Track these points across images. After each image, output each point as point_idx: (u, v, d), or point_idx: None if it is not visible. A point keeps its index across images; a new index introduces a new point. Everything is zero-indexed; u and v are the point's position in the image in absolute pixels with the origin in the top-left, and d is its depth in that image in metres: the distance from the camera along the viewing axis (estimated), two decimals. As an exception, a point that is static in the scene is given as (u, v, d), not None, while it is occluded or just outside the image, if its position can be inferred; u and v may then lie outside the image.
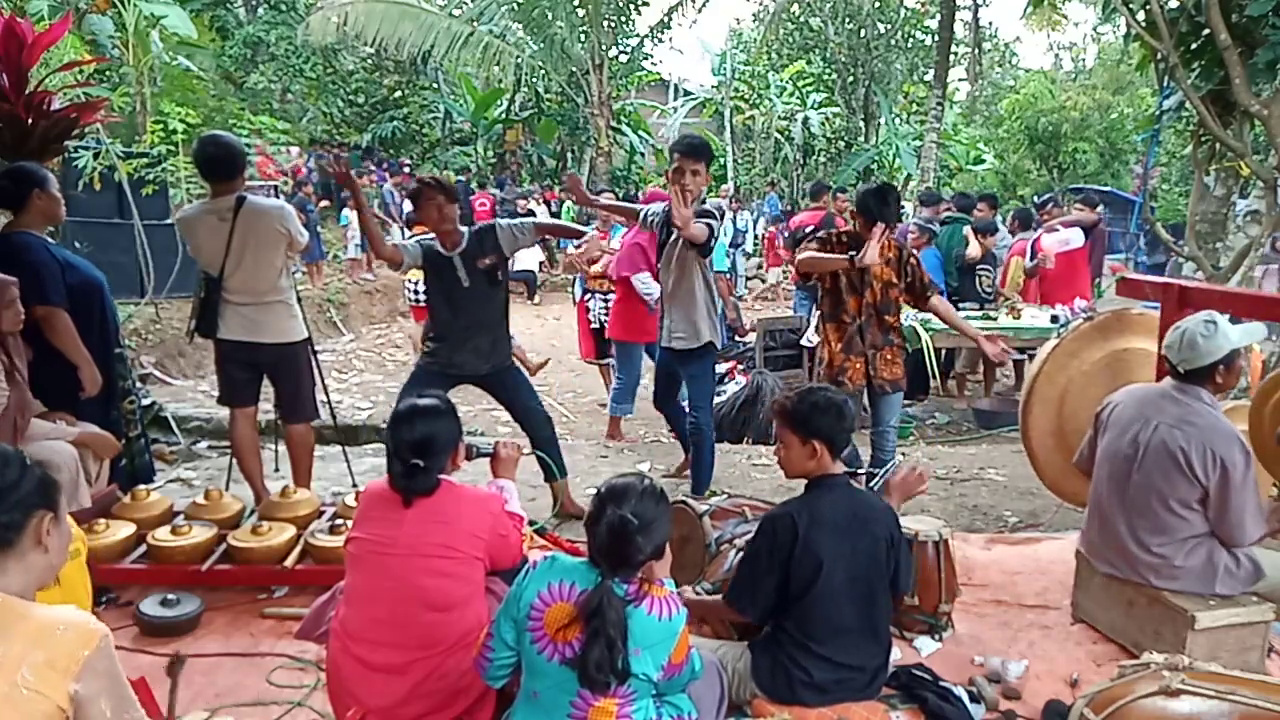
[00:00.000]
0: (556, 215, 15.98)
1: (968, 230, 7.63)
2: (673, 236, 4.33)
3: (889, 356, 4.34)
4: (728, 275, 10.89)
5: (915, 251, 4.75)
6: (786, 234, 11.58)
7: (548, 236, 6.48)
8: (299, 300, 4.26)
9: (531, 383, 4.56)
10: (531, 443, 4.15)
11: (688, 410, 4.63)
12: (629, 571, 2.06)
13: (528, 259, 13.66)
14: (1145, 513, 3.07)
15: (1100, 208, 8.20)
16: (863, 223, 4.20)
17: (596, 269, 6.79)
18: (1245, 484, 2.92)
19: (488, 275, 4.11)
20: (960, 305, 7.40)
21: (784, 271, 15.03)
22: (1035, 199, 7.33)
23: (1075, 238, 7.15)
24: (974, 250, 7.49)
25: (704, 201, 4.42)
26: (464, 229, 4.14)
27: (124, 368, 4.20)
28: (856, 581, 2.55)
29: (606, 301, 7.02)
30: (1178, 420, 3.00)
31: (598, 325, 7.17)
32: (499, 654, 2.13)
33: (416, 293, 7.94)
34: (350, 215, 12.75)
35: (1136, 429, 3.10)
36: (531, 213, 15.67)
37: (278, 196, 10.51)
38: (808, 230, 9.45)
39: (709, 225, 4.10)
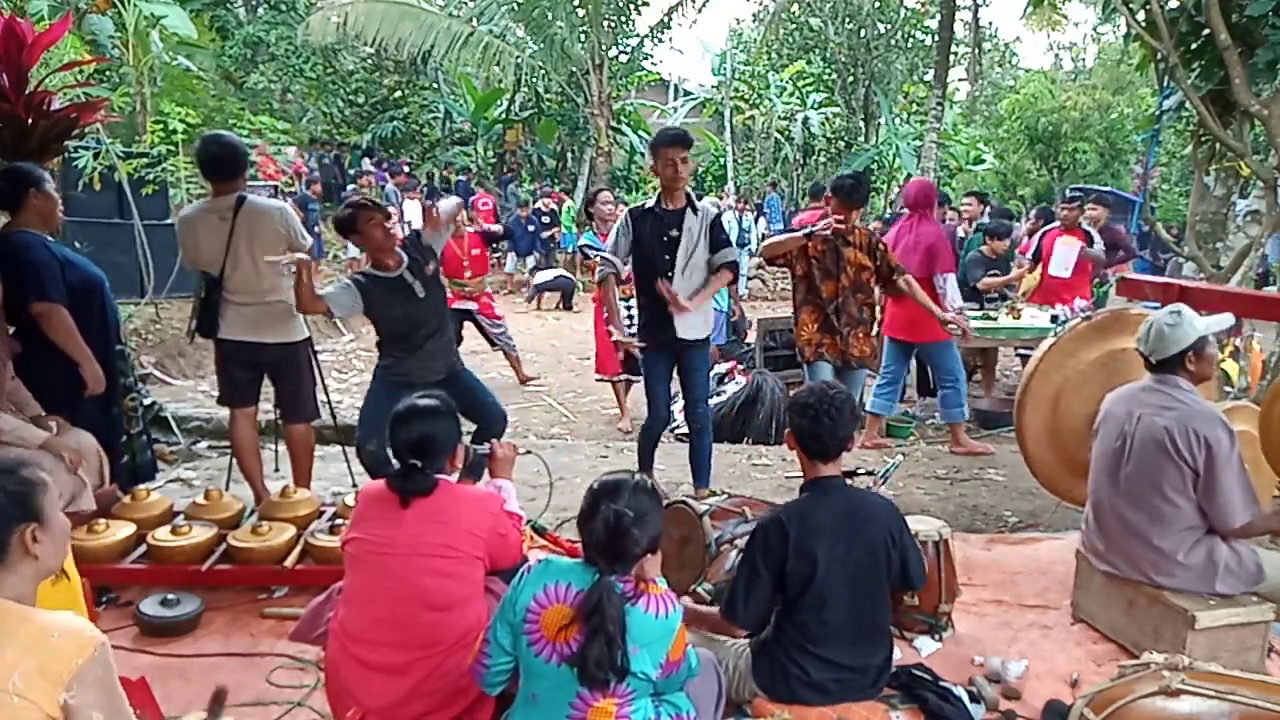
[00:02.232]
0: (556, 215, 15.98)
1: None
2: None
3: (861, 335, 4.79)
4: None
5: (884, 239, 5.17)
6: (777, 229, 11.66)
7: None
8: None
9: (485, 382, 4.51)
10: (477, 434, 4.08)
11: (687, 403, 4.67)
12: (626, 566, 2.06)
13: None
14: (1141, 505, 3.09)
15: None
16: (836, 204, 4.69)
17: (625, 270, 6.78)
18: (1231, 462, 2.96)
19: (435, 278, 4.11)
20: (962, 305, 7.37)
21: (758, 265, 15.26)
22: (1066, 192, 7.17)
23: (1067, 269, 7.11)
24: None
25: (720, 214, 4.68)
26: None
27: (125, 365, 4.19)
28: (855, 583, 2.54)
29: (630, 311, 7.00)
30: (1158, 408, 3.07)
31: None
32: (496, 660, 2.13)
33: None
34: None
35: (1121, 423, 3.17)
36: (554, 213, 15.67)
37: (279, 196, 10.50)
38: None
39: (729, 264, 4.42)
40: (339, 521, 3.62)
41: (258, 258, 3.95)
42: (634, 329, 6.98)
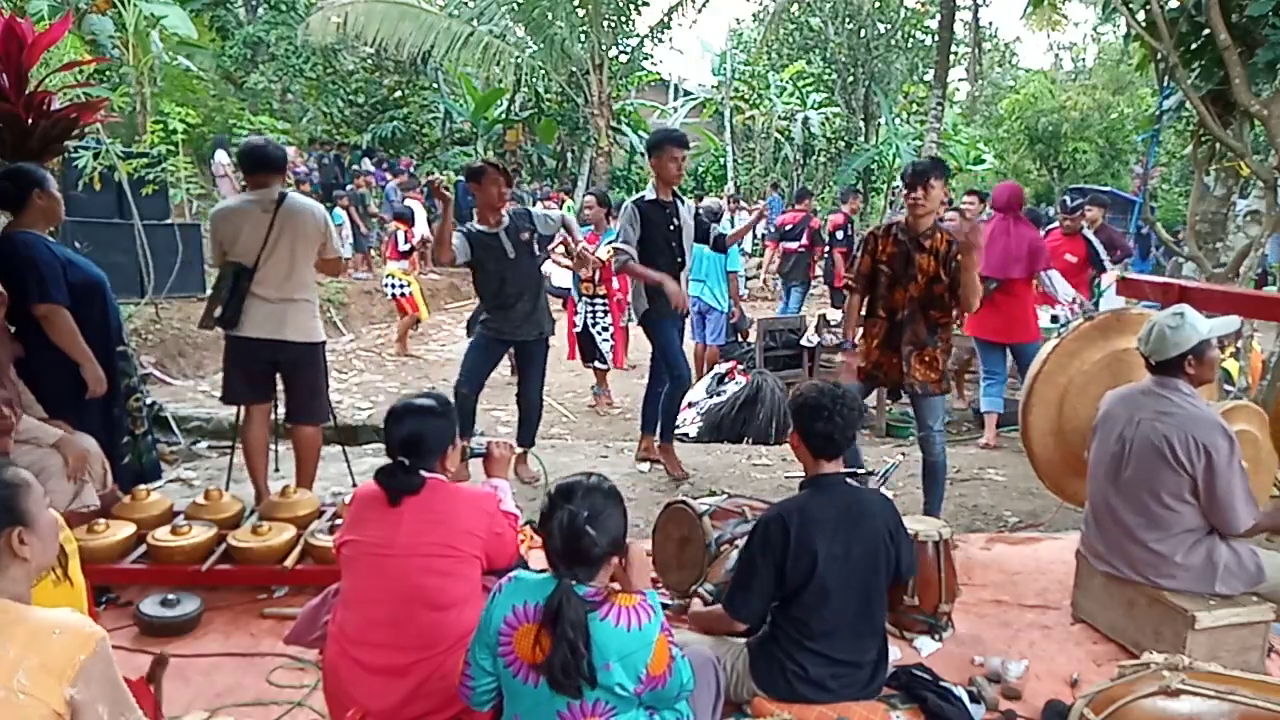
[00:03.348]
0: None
1: None
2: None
3: (927, 358, 4.04)
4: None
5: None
6: (771, 229, 11.73)
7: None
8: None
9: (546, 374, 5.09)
10: (519, 419, 5.03)
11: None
12: (589, 570, 2.02)
13: (563, 275, 13.37)
14: (1139, 509, 3.09)
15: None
16: (913, 182, 3.98)
17: (585, 273, 6.82)
18: (1231, 468, 2.95)
19: (528, 247, 4.75)
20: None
21: (758, 265, 15.30)
22: (1068, 199, 6.99)
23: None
24: None
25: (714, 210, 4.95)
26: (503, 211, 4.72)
27: (128, 365, 4.19)
28: (852, 579, 2.55)
29: (593, 306, 7.05)
30: (1158, 413, 3.06)
31: (581, 329, 7.18)
32: (479, 681, 2.10)
33: (396, 287, 9.84)
34: (341, 214, 12.70)
35: (1121, 427, 3.16)
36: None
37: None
38: (788, 228, 10.06)
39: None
40: (339, 521, 3.62)
41: (296, 253, 4.03)
42: (598, 324, 7.04)
